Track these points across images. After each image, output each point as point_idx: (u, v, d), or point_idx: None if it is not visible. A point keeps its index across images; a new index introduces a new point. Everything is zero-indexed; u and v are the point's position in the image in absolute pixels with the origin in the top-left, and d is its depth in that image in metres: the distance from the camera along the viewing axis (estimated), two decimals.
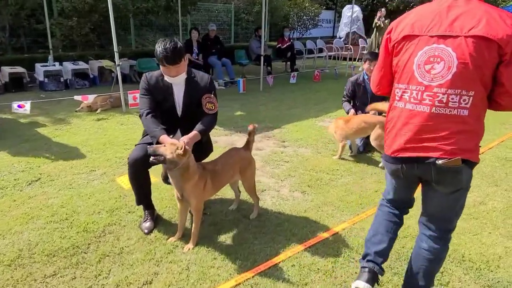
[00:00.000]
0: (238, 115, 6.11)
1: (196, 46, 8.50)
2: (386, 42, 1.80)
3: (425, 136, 1.63)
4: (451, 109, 1.57)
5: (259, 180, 3.65)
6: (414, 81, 1.65)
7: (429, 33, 1.61)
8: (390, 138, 1.78)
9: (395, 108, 1.76)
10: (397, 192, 1.95)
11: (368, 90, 4.58)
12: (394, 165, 1.79)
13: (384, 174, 3.68)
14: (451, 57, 1.55)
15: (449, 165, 1.59)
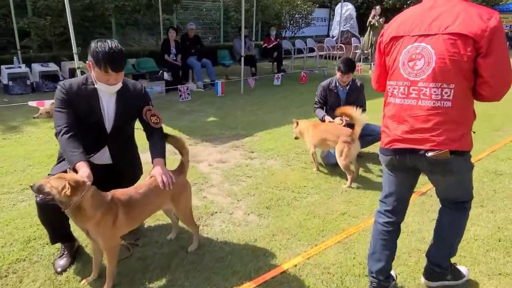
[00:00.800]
0: (210, 121, 5.67)
1: (174, 46, 8.05)
2: (379, 44, 1.98)
3: (413, 128, 1.76)
4: (434, 101, 1.70)
5: (212, 201, 3.22)
6: (401, 77, 1.80)
7: (411, 33, 1.77)
8: (385, 132, 1.92)
9: (388, 104, 1.91)
10: (394, 185, 2.01)
11: (340, 96, 4.14)
12: (388, 156, 1.92)
13: (353, 194, 3.24)
14: (430, 53, 1.70)
15: (439, 158, 1.71)
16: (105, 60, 2.11)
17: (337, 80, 4.12)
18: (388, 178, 2.03)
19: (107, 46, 2.13)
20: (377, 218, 2.12)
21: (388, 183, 2.04)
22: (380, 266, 2.04)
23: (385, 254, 2.04)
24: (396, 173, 1.97)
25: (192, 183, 3.45)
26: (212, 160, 4.12)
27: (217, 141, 4.77)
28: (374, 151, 4.44)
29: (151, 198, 2.19)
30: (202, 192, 3.38)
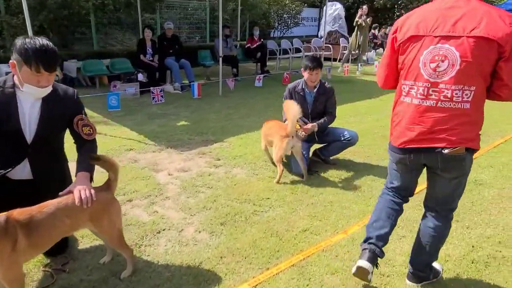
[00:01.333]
0: (181, 125, 5.37)
1: (150, 46, 7.75)
2: (392, 41, 1.91)
3: (431, 129, 1.77)
4: (455, 103, 1.71)
5: (163, 216, 2.92)
6: (421, 78, 1.78)
7: (433, 33, 1.73)
8: (397, 131, 1.93)
9: (402, 103, 1.90)
10: (401, 179, 2.09)
11: (307, 99, 3.87)
12: (401, 155, 1.95)
13: (319, 207, 2.96)
14: (454, 56, 1.68)
15: (454, 154, 1.75)
16: (37, 57, 1.88)
17: (304, 82, 3.84)
18: (396, 174, 2.10)
19: (38, 42, 1.91)
20: (385, 193, 2.21)
21: (395, 177, 2.12)
22: (383, 232, 2.11)
23: (389, 222, 2.13)
24: (404, 170, 2.04)
25: (145, 196, 3.17)
26: (173, 169, 3.82)
27: (184, 147, 4.48)
28: (349, 158, 4.17)
29: (61, 217, 1.88)
30: (153, 206, 3.08)
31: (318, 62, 3.75)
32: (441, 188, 1.98)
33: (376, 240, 2.10)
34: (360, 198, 3.28)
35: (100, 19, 11.76)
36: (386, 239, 2.13)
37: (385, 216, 2.14)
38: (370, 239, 2.13)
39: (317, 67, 3.72)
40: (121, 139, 4.66)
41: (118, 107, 5.78)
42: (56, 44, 7.48)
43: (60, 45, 10.24)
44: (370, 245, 2.11)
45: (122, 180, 3.49)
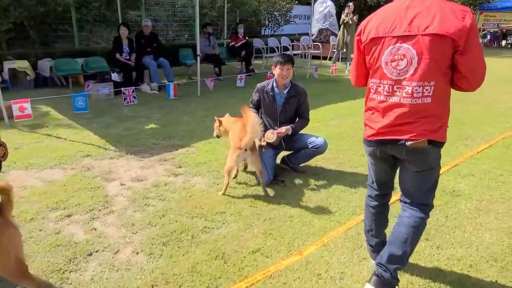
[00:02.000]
0: (149, 128, 5.08)
1: (126, 44, 7.44)
2: (358, 43, 2.01)
3: (396, 122, 1.85)
4: (415, 99, 1.79)
5: (100, 234, 2.63)
6: (385, 77, 1.87)
7: (391, 34, 1.82)
8: (368, 125, 2.02)
9: (371, 100, 1.99)
10: (376, 172, 2.17)
11: (277, 101, 3.58)
12: (370, 147, 2.04)
13: (277, 222, 2.67)
14: (411, 54, 1.77)
15: (417, 146, 1.82)
16: None
17: (274, 82, 3.55)
18: (372, 167, 2.18)
19: None
20: (368, 201, 2.30)
21: (373, 171, 2.19)
22: (379, 240, 2.28)
23: (381, 229, 2.29)
24: (377, 162, 2.11)
25: (87, 210, 2.89)
26: (127, 178, 3.53)
27: (146, 153, 4.19)
28: (321, 165, 3.88)
29: None
30: (93, 221, 2.79)
31: (289, 58, 3.50)
32: (409, 181, 2.04)
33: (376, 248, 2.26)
34: (325, 212, 3.00)
35: (84, 16, 11.43)
36: (383, 242, 2.23)
37: (376, 226, 2.27)
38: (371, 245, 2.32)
39: (288, 61, 3.45)
40: (81, 144, 4.37)
41: (85, 109, 5.49)
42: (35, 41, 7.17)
43: (39, 43, 9.94)
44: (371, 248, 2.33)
45: (67, 191, 3.22)
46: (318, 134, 4.96)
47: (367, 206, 2.30)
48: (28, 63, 7.27)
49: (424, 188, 2.01)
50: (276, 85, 3.54)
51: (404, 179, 2.05)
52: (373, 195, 2.25)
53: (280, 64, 3.42)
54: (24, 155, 4.01)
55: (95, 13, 11.62)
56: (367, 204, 2.31)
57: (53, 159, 3.91)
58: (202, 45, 8.71)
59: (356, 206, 3.09)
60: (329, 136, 4.81)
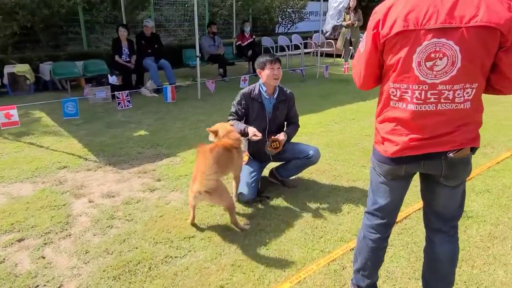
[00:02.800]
0: (137, 136, 4.79)
1: (126, 46, 7.21)
2: (374, 38, 1.56)
3: (433, 134, 1.53)
4: (456, 104, 1.49)
5: (47, 265, 2.34)
6: (416, 80, 1.49)
7: (426, 26, 1.43)
8: (390, 139, 1.63)
9: (393, 109, 1.60)
10: (390, 195, 1.77)
11: (266, 107, 3.19)
12: (394, 166, 1.66)
13: (249, 251, 2.32)
14: (454, 51, 1.42)
15: (460, 157, 1.54)
16: None
17: (261, 87, 3.16)
18: (384, 188, 1.77)
19: None
20: (367, 233, 1.87)
21: (383, 193, 1.78)
22: (371, 282, 1.94)
23: (376, 269, 1.94)
24: (395, 183, 1.74)
25: (43, 233, 2.61)
26: (98, 194, 3.24)
27: (127, 163, 3.89)
28: (314, 178, 3.47)
29: None
30: (45, 248, 2.50)
31: (276, 57, 3.13)
32: (443, 200, 1.71)
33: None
34: (308, 239, 2.59)
35: (95, 18, 11.38)
36: (375, 283, 1.97)
37: (371, 265, 1.89)
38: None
39: (277, 60, 3.08)
40: (60, 154, 4.12)
41: (76, 114, 5.22)
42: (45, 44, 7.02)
43: (49, 46, 9.90)
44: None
45: (28, 210, 2.96)
46: (318, 139, 4.57)
47: (365, 239, 1.88)
48: (29, 67, 7.15)
49: (458, 203, 1.73)
50: (265, 89, 3.15)
51: (438, 199, 1.71)
52: (375, 225, 1.83)
53: (270, 63, 3.04)
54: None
55: (106, 15, 11.54)
56: (364, 236, 1.88)
57: (27, 171, 3.67)
58: (206, 45, 8.43)
59: (346, 230, 2.68)
60: (329, 144, 4.40)
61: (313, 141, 4.54)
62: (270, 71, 3.02)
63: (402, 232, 2.65)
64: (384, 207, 1.79)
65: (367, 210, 1.88)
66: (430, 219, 1.78)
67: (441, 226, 1.75)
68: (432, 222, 1.77)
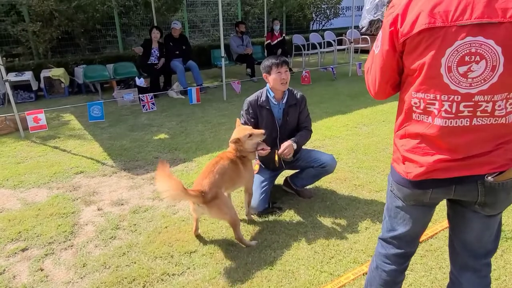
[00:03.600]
0: (157, 139, 4.75)
1: (156, 48, 7.25)
2: (391, 36, 1.28)
3: (468, 154, 1.24)
4: (497, 118, 1.20)
5: (45, 277, 2.29)
6: (445, 90, 1.21)
7: (459, 21, 1.14)
8: (411, 159, 1.35)
9: (418, 123, 1.32)
10: (411, 223, 1.47)
11: (275, 115, 2.97)
12: (417, 190, 1.37)
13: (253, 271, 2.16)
14: (494, 53, 1.13)
15: (502, 180, 1.24)
16: None
17: (268, 93, 2.95)
18: (403, 215, 1.50)
19: None
20: (380, 263, 1.60)
21: (402, 220, 1.50)
22: None
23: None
24: (418, 208, 1.46)
25: (47, 243, 2.59)
26: (108, 202, 3.19)
27: (142, 169, 3.84)
28: (333, 187, 3.22)
29: None
30: (46, 259, 2.46)
31: (283, 58, 2.87)
32: (479, 231, 1.40)
33: None
34: (317, 259, 2.36)
35: (133, 21, 11.67)
36: None
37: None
38: None
39: (284, 62, 2.83)
40: (80, 158, 4.15)
41: (101, 117, 5.33)
42: (84, 48, 7.22)
43: (88, 50, 10.26)
44: None
45: (37, 217, 2.96)
46: (343, 144, 4.28)
47: (377, 270, 1.61)
48: (63, 70, 7.40)
49: (494, 234, 1.43)
50: (272, 95, 2.94)
51: (470, 228, 1.42)
52: (391, 255, 1.56)
53: (276, 67, 2.81)
54: (21, 170, 3.87)
55: (143, 17, 11.79)
56: (377, 266, 1.61)
57: (45, 176, 3.72)
58: (235, 45, 8.32)
59: (361, 250, 2.41)
60: (354, 148, 4.10)
61: (337, 145, 4.26)
62: (277, 75, 2.80)
63: (426, 254, 2.34)
64: (402, 236, 1.52)
65: (381, 236, 1.61)
66: (458, 252, 1.48)
67: (472, 263, 1.45)
68: (461, 257, 1.47)
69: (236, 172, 2.61)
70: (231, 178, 2.58)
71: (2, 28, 8.75)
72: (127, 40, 11.58)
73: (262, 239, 2.58)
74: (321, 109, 5.80)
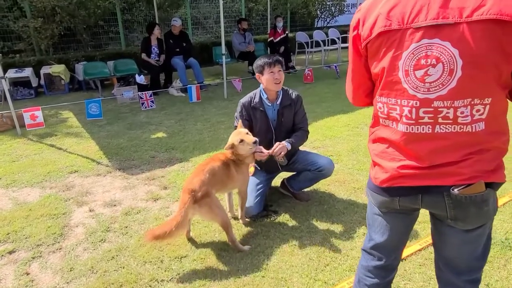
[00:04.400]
0: (154, 138, 4.67)
1: (156, 45, 7.17)
2: (354, 40, 1.29)
3: (431, 163, 1.17)
4: (461, 126, 1.13)
5: (30, 281, 2.22)
6: (404, 94, 1.17)
7: (414, 23, 1.11)
8: (379, 164, 1.31)
9: (384, 127, 1.28)
10: (387, 232, 1.40)
11: (269, 116, 2.87)
12: (386, 197, 1.32)
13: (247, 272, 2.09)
14: (451, 56, 1.07)
15: (469, 194, 1.14)
16: None
17: (262, 94, 2.86)
18: (380, 222, 1.42)
19: None
20: (362, 276, 1.52)
21: (379, 228, 1.43)
22: None
23: None
24: (394, 216, 1.39)
25: (35, 245, 2.53)
26: (100, 202, 3.12)
27: (137, 168, 3.77)
28: (331, 190, 3.12)
29: None
30: (32, 262, 2.39)
31: (277, 57, 2.76)
32: (455, 247, 1.31)
33: None
34: (311, 266, 2.27)
35: (136, 17, 11.61)
36: None
37: None
38: None
39: (277, 61, 2.72)
40: (75, 157, 4.09)
41: (99, 115, 5.29)
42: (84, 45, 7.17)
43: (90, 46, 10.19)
44: None
45: (28, 218, 2.90)
46: (343, 145, 4.18)
47: (360, 284, 1.53)
48: (64, 67, 7.34)
49: (478, 252, 1.31)
50: (266, 96, 2.84)
51: (448, 243, 1.33)
52: (372, 267, 1.49)
53: (269, 66, 2.71)
54: (15, 169, 3.81)
55: (145, 14, 11.72)
56: (360, 280, 1.54)
57: (39, 175, 3.66)
58: (237, 42, 8.22)
59: (357, 257, 2.32)
60: (354, 149, 4.00)
61: (337, 146, 4.16)
62: (269, 75, 2.70)
63: (425, 263, 2.24)
64: (380, 246, 1.45)
65: (363, 247, 1.55)
66: (441, 268, 1.39)
67: (454, 280, 1.35)
68: (444, 273, 1.38)
69: (227, 174, 2.53)
70: (221, 180, 2.51)
71: (5, 24, 8.74)
72: (130, 37, 11.52)
73: (256, 244, 2.50)
74: (323, 108, 5.69)
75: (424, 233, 2.51)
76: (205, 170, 2.40)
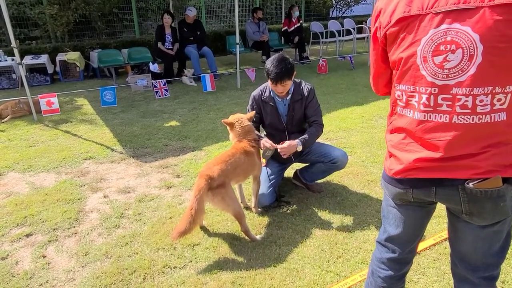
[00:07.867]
0: (167, 126, 4.69)
1: (170, 33, 7.15)
2: (375, 30, 1.27)
3: (448, 154, 1.13)
4: (480, 116, 1.08)
5: (47, 264, 2.27)
6: (423, 81, 1.14)
7: (433, 9, 1.09)
8: (394, 155, 1.29)
9: (401, 116, 1.26)
10: (402, 224, 1.37)
11: (280, 111, 2.84)
12: (398, 188, 1.30)
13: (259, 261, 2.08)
14: (471, 41, 1.04)
15: (484, 188, 1.11)
16: None
17: (271, 88, 2.81)
18: (394, 214, 1.40)
19: None
20: (376, 268, 1.51)
21: (393, 220, 1.41)
22: None
23: None
24: (408, 208, 1.36)
25: (51, 229, 2.58)
26: (115, 189, 3.16)
27: (151, 156, 3.80)
28: (344, 182, 3.10)
29: None
30: (49, 246, 2.44)
31: (284, 72, 2.55)
32: (471, 242, 1.28)
33: None
34: (324, 257, 2.26)
35: (150, 5, 11.60)
36: None
37: None
38: None
39: (283, 78, 2.57)
40: (90, 144, 4.14)
41: (114, 103, 5.33)
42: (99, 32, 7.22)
43: (105, 34, 10.23)
44: None
45: (44, 202, 2.95)
46: (357, 137, 4.14)
47: (373, 276, 1.52)
48: (79, 54, 7.39)
49: (495, 248, 1.27)
50: (275, 93, 2.80)
51: (463, 239, 1.31)
52: (386, 259, 1.46)
53: (272, 81, 2.62)
54: (32, 154, 3.88)
55: (160, 2, 11.70)
56: (373, 272, 1.52)
57: (55, 161, 3.72)
58: (251, 31, 8.15)
59: (370, 250, 2.30)
60: (368, 142, 3.96)
61: (351, 138, 4.11)
62: (273, 87, 2.68)
63: (439, 258, 2.21)
64: (394, 238, 1.43)
65: (377, 239, 1.53)
66: (456, 264, 1.37)
67: (469, 276, 1.32)
68: (458, 269, 1.36)
69: (250, 162, 2.57)
70: (244, 170, 2.55)
71: (21, 10, 8.83)
72: (144, 25, 11.53)
73: (268, 234, 2.50)
74: (337, 99, 5.63)
75: (439, 228, 2.48)
76: (228, 162, 2.41)
